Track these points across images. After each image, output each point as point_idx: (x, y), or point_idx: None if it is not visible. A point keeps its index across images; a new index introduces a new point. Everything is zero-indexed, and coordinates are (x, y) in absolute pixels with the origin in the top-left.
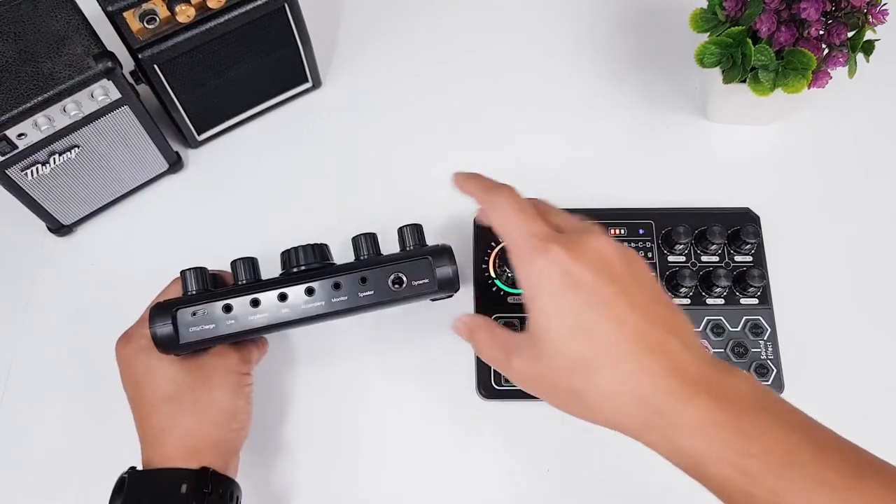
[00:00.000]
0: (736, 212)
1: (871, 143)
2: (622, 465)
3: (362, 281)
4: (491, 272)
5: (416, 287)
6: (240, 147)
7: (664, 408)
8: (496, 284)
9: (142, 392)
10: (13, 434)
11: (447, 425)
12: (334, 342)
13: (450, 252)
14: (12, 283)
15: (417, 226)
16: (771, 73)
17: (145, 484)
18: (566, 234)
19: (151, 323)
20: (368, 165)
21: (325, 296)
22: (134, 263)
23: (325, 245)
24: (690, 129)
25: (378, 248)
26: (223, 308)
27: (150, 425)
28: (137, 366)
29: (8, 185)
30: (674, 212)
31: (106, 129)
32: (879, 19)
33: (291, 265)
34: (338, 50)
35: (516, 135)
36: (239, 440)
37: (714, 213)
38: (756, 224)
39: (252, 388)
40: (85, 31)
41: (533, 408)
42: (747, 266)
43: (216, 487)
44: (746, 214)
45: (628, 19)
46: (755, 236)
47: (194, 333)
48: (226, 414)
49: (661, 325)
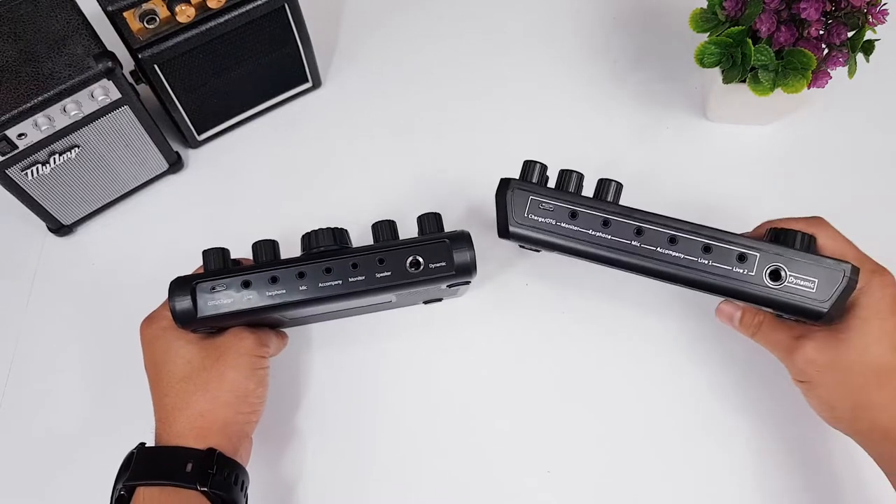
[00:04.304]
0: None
1: (871, 142)
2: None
3: (380, 262)
4: None
5: (434, 270)
6: (240, 147)
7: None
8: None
9: (160, 372)
10: (13, 434)
11: (462, 413)
12: (349, 329)
13: (468, 237)
14: (12, 283)
15: (437, 214)
16: (771, 73)
17: (152, 460)
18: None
19: (171, 297)
20: (368, 165)
21: (342, 275)
22: (134, 263)
23: (345, 230)
24: (690, 129)
25: (397, 234)
26: (242, 283)
27: (164, 404)
28: (158, 346)
29: (8, 185)
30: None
31: (106, 129)
32: (879, 19)
33: (311, 247)
34: (338, 50)
35: (516, 134)
36: (249, 424)
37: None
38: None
39: (267, 373)
40: (85, 31)
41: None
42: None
43: (221, 469)
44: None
45: (628, 19)
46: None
47: (212, 307)
48: (235, 395)
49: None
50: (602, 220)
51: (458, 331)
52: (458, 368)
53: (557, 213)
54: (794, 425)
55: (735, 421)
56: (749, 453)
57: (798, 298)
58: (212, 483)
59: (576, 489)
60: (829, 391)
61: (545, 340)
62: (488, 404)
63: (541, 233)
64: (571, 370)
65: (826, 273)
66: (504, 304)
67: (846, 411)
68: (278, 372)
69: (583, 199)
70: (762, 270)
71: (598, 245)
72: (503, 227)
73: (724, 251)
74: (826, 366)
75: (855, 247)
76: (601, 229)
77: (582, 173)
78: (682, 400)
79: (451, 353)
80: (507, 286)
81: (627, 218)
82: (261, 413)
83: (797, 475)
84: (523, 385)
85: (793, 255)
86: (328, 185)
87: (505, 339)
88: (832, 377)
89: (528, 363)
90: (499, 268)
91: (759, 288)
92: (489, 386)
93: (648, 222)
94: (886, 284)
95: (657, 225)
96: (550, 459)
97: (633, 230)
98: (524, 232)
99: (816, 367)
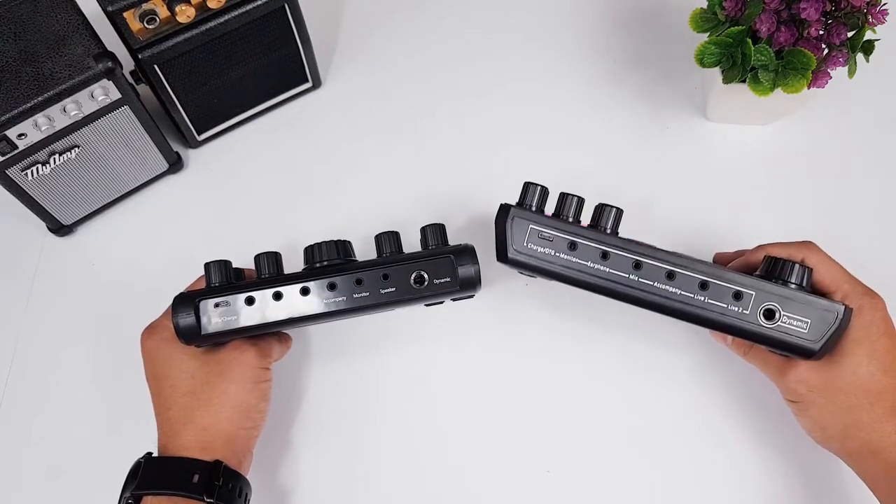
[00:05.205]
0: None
1: (871, 142)
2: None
3: (384, 278)
4: None
5: (438, 286)
6: (240, 147)
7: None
8: None
9: (162, 385)
10: (13, 433)
11: (461, 412)
12: (349, 338)
13: (472, 251)
14: (12, 283)
15: (440, 225)
16: (771, 73)
17: (160, 470)
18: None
19: (174, 313)
20: (368, 165)
21: (346, 291)
22: (134, 263)
23: (348, 242)
24: (690, 129)
25: (400, 246)
26: (245, 300)
27: (168, 417)
28: (159, 358)
29: (8, 185)
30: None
31: (106, 129)
32: (879, 19)
33: (314, 260)
34: (338, 50)
35: (516, 134)
36: (251, 439)
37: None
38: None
39: (270, 386)
40: (85, 31)
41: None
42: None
43: (227, 481)
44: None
45: (628, 19)
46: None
47: (216, 325)
48: (238, 410)
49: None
50: (601, 253)
51: (458, 331)
52: (458, 368)
53: (556, 243)
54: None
55: (734, 421)
56: (750, 453)
57: (790, 337)
58: (218, 494)
59: (576, 489)
60: (822, 411)
61: (545, 341)
62: (488, 404)
63: (539, 262)
64: (571, 370)
65: (820, 314)
66: (503, 305)
67: (838, 431)
68: (275, 380)
69: (582, 231)
70: (757, 309)
71: (596, 277)
72: (502, 253)
73: (720, 288)
74: (818, 386)
75: (845, 270)
76: (600, 262)
77: (582, 198)
78: (682, 399)
79: (451, 354)
80: (507, 286)
81: (626, 251)
82: (262, 427)
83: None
84: (523, 385)
85: (788, 294)
86: (328, 184)
87: (504, 339)
88: (824, 397)
89: (528, 363)
90: (499, 267)
91: (752, 325)
92: (489, 386)
93: (647, 256)
94: (877, 308)
95: (656, 259)
96: (550, 459)
97: (632, 264)
98: (522, 260)
99: (809, 387)
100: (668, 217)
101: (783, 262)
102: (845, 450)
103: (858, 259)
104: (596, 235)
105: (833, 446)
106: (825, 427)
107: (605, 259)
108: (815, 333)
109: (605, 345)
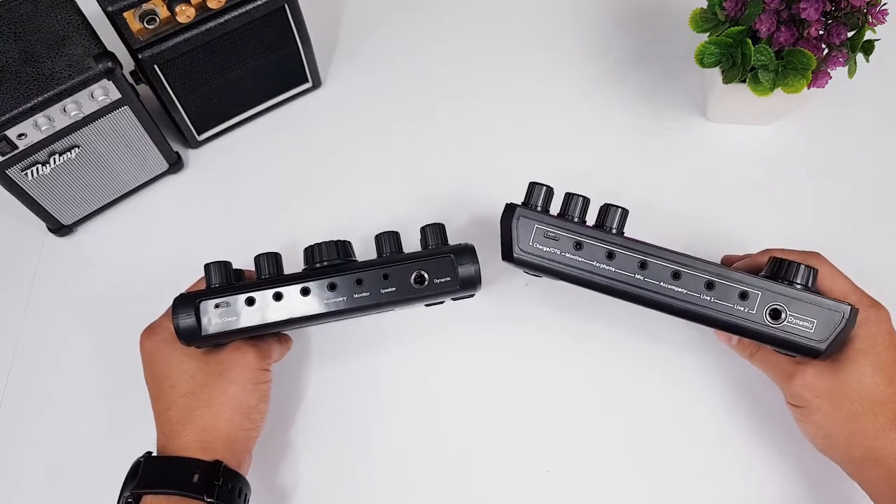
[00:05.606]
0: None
1: (871, 142)
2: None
3: (384, 277)
4: None
5: (438, 285)
6: (240, 147)
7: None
8: None
9: (161, 385)
10: (13, 433)
11: (461, 412)
12: (349, 338)
13: (472, 251)
14: (12, 283)
15: (440, 225)
16: (771, 73)
17: (160, 469)
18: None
19: (174, 314)
20: (368, 165)
21: (347, 291)
22: (134, 263)
23: (347, 242)
24: (690, 129)
25: (400, 246)
26: (246, 301)
27: (168, 417)
28: (159, 359)
29: (8, 185)
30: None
31: (106, 129)
32: (879, 19)
33: (314, 261)
34: (338, 50)
35: (516, 134)
36: (250, 440)
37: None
38: None
39: (270, 387)
40: (85, 31)
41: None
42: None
43: (227, 481)
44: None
45: (628, 19)
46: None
47: (217, 325)
48: (238, 411)
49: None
50: (606, 252)
51: (458, 331)
52: (458, 368)
53: (562, 242)
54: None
55: (736, 421)
56: (752, 453)
57: (796, 337)
58: (218, 494)
59: (576, 489)
60: (826, 417)
61: (545, 340)
62: (488, 404)
63: (544, 261)
64: (572, 370)
65: (825, 314)
66: (504, 304)
67: (843, 438)
68: (275, 380)
69: (588, 230)
70: (763, 309)
71: (602, 276)
72: (507, 252)
73: (726, 288)
74: (824, 392)
75: (851, 281)
76: (605, 261)
77: (588, 198)
78: (684, 399)
79: (451, 353)
80: (507, 286)
81: (632, 251)
82: (262, 428)
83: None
84: (523, 385)
85: (794, 294)
86: (328, 184)
87: (505, 339)
88: (830, 404)
89: (528, 363)
90: (498, 267)
91: (758, 325)
92: (489, 386)
93: (653, 256)
94: (883, 319)
95: (661, 259)
96: (550, 459)
97: (638, 263)
98: (528, 259)
99: (815, 393)
100: (667, 217)
101: (789, 263)
102: (848, 457)
103: (858, 259)
104: (602, 235)
105: (836, 453)
106: (829, 433)
107: (611, 259)
108: (821, 333)
109: (605, 344)
